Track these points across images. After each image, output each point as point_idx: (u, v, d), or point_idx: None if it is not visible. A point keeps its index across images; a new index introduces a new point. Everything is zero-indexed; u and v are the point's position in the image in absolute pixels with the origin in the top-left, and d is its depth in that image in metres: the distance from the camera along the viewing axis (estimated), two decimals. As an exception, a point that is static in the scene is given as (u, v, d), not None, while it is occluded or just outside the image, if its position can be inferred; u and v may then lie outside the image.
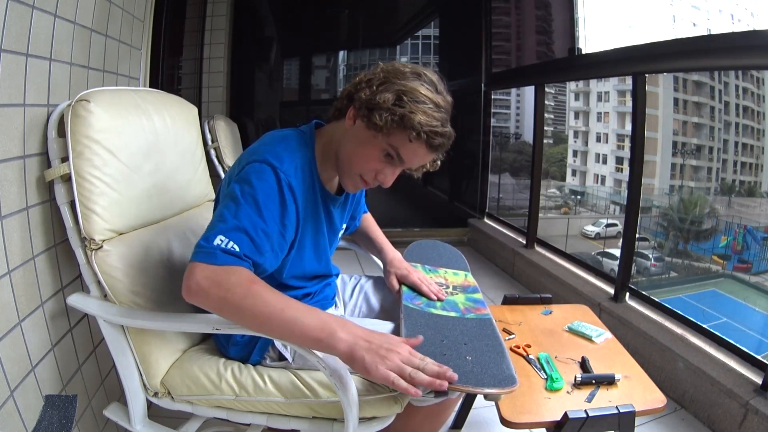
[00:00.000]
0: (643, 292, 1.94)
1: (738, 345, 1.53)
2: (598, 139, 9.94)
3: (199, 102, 3.23)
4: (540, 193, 2.83)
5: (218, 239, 0.74)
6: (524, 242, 2.85)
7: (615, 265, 2.23)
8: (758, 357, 1.46)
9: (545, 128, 2.96)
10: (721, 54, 1.58)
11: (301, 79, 3.97)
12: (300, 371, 0.88)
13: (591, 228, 8.64)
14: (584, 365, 1.07)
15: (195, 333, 1.01)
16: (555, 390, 0.99)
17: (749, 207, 7.54)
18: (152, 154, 0.99)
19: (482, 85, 3.50)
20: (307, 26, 3.79)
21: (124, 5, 1.27)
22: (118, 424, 0.95)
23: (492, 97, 3.55)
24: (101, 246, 0.86)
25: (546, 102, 2.93)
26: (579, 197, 10.14)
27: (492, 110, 3.60)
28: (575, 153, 10.35)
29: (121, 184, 0.90)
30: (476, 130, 3.57)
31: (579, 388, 1.00)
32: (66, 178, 0.86)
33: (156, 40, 1.65)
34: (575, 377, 1.02)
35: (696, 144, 8.25)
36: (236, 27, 3.34)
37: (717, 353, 1.55)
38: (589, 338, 1.20)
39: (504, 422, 0.92)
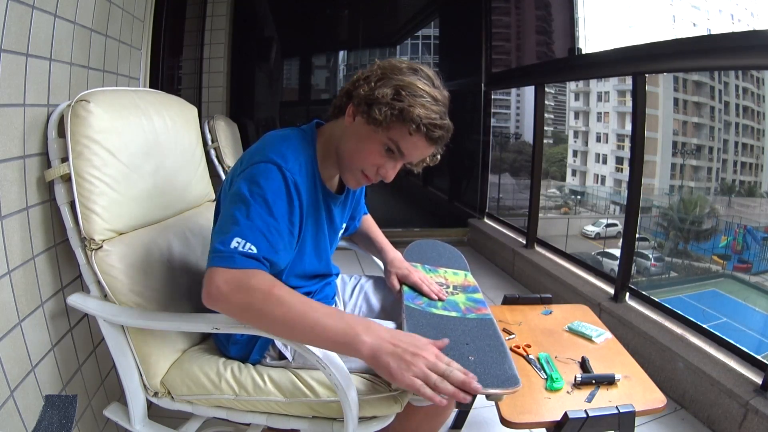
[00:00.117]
0: (643, 292, 1.94)
1: (738, 345, 1.53)
2: (598, 139, 9.93)
3: (199, 102, 3.23)
4: (540, 193, 2.83)
5: (235, 242, 0.73)
6: (524, 242, 2.85)
7: (615, 265, 2.23)
8: (758, 357, 1.46)
9: (545, 128, 2.96)
10: (721, 54, 1.58)
11: (301, 79, 3.97)
12: (300, 371, 0.88)
13: (591, 228, 8.64)
14: (584, 365, 1.08)
15: (195, 333, 1.01)
16: (555, 390, 0.99)
17: (749, 207, 7.53)
18: (152, 155, 0.99)
19: (482, 85, 3.50)
20: (307, 26, 3.79)
21: (124, 5, 1.27)
22: (118, 424, 0.95)
23: (492, 97, 3.55)
24: (101, 246, 0.86)
25: (546, 102, 2.93)
26: (579, 197, 10.14)
27: (492, 110, 3.60)
28: (575, 153, 10.35)
29: (121, 185, 0.90)
30: (476, 130, 3.57)
31: (579, 388, 1.00)
32: (66, 179, 0.86)
33: (156, 40, 1.65)
34: (575, 377, 1.02)
35: (696, 144, 8.25)
36: (236, 27, 3.34)
37: (717, 353, 1.55)
38: (589, 338, 1.20)
39: (504, 422, 0.92)
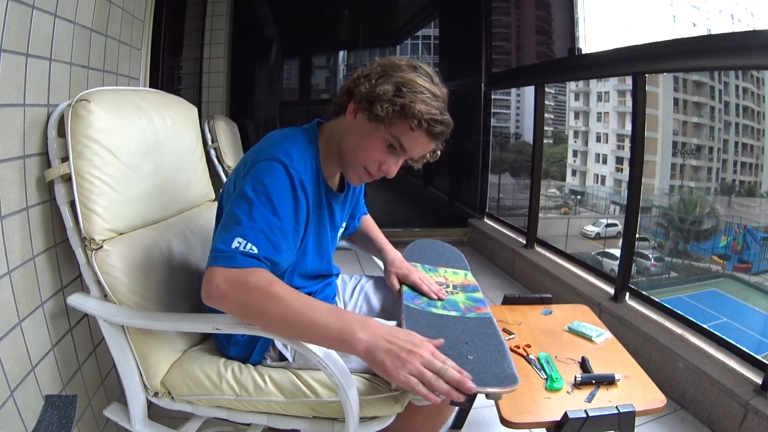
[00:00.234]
0: (643, 292, 1.94)
1: (738, 345, 1.53)
2: (598, 139, 9.93)
3: (199, 102, 3.23)
4: (540, 193, 2.83)
5: (236, 242, 0.74)
6: (524, 242, 2.85)
7: (615, 265, 2.23)
8: (758, 357, 1.46)
9: (545, 128, 2.96)
10: (721, 54, 1.58)
11: (301, 79, 3.98)
12: (300, 371, 0.88)
13: (591, 228, 8.63)
14: (584, 365, 1.07)
15: (195, 333, 1.01)
16: (555, 390, 0.99)
17: (749, 207, 7.53)
18: (152, 154, 0.99)
19: (482, 85, 3.50)
20: (307, 26, 3.79)
21: (124, 5, 1.27)
22: (118, 424, 0.95)
23: (492, 97, 3.55)
24: (101, 246, 0.86)
25: (546, 102, 2.93)
26: (579, 197, 10.13)
27: (492, 110, 3.60)
28: (575, 153, 10.35)
29: (121, 184, 0.90)
30: (476, 130, 3.57)
31: (579, 388, 1.00)
32: (66, 178, 0.86)
33: (156, 40, 1.65)
34: (575, 377, 1.02)
35: (696, 144, 8.25)
36: (236, 27, 3.34)
37: (717, 353, 1.55)
38: (589, 338, 1.20)
39: (504, 422, 0.92)
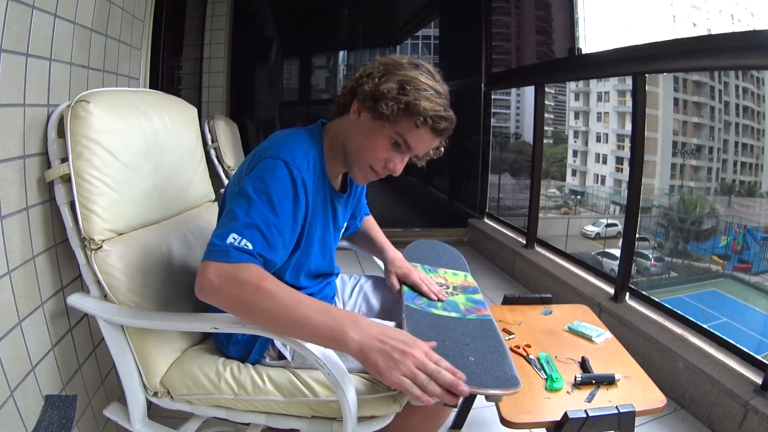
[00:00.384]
0: (643, 292, 1.94)
1: (738, 345, 1.53)
2: (598, 139, 9.92)
3: (199, 102, 3.24)
4: (540, 193, 2.83)
5: (231, 237, 0.74)
6: (524, 242, 2.85)
7: (615, 265, 2.23)
8: (758, 357, 1.46)
9: (545, 128, 2.96)
10: (721, 54, 1.58)
11: (301, 79, 3.97)
12: (299, 370, 0.88)
13: (591, 228, 8.63)
14: (584, 365, 1.07)
15: (194, 332, 1.01)
16: (555, 390, 0.99)
17: (749, 207, 7.52)
18: (152, 155, 0.99)
19: (482, 85, 3.49)
20: (307, 26, 3.79)
21: (124, 5, 1.27)
22: (118, 424, 0.95)
23: (492, 97, 3.55)
24: (101, 246, 0.86)
25: (546, 102, 2.93)
26: (579, 197, 10.13)
27: (492, 110, 3.60)
28: (575, 153, 10.34)
29: (121, 185, 0.90)
30: (476, 130, 3.57)
31: (579, 388, 1.00)
32: (66, 179, 0.86)
33: (156, 40, 1.65)
34: (575, 377, 1.02)
35: (696, 144, 8.24)
36: (236, 27, 3.34)
37: (717, 353, 1.55)
38: (589, 338, 1.20)
39: (504, 422, 0.92)
